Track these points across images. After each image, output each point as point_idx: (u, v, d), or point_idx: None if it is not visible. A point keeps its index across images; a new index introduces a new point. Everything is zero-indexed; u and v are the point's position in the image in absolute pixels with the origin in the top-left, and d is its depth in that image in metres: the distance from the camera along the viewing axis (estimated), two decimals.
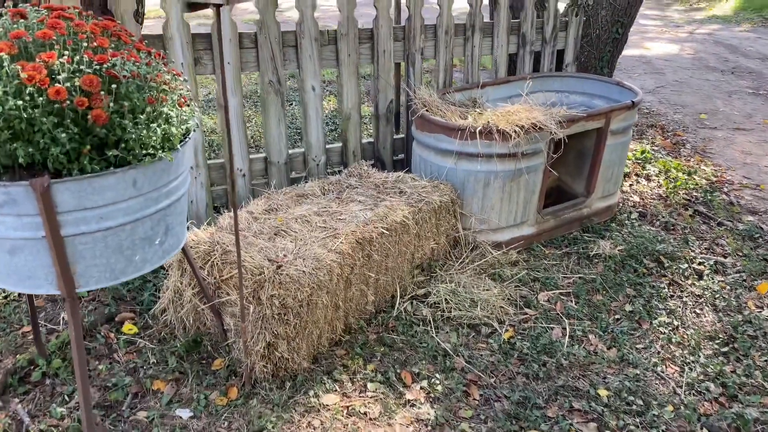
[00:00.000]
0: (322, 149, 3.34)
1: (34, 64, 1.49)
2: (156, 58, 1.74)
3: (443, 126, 3.05)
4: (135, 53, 1.69)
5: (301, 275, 2.24)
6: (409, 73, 3.49)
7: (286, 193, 2.88)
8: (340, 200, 2.83)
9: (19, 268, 1.63)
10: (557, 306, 2.84)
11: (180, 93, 1.74)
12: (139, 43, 1.76)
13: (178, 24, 2.73)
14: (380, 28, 3.29)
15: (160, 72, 1.69)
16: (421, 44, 3.45)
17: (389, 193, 2.92)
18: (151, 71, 1.64)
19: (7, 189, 1.50)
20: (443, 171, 3.13)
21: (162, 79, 1.68)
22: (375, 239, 2.56)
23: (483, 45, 3.72)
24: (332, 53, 3.21)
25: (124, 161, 1.61)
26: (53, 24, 1.57)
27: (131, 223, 1.68)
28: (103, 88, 1.57)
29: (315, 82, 3.18)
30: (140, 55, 1.71)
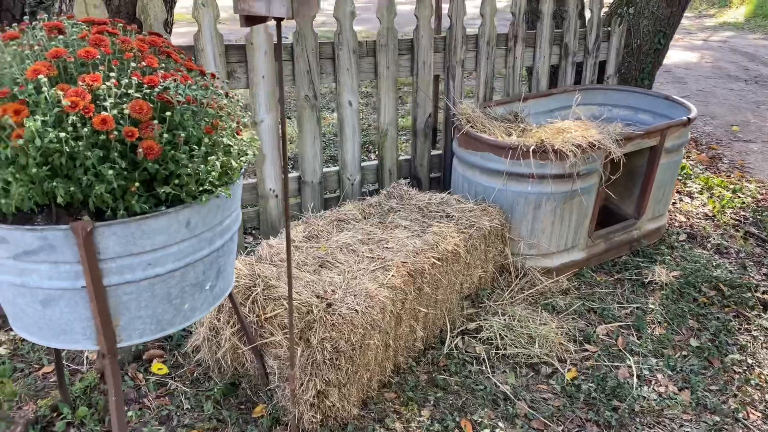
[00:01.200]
0: (358, 168, 3.12)
1: (77, 89, 1.27)
2: (211, 79, 1.53)
3: (492, 144, 2.84)
4: (186, 74, 1.48)
5: (353, 315, 2.02)
6: (449, 86, 3.28)
7: (325, 217, 2.66)
8: (383, 225, 2.62)
9: (53, 321, 1.41)
10: (619, 341, 2.63)
11: (239, 118, 1.52)
12: (189, 62, 1.54)
13: (211, 34, 2.52)
14: (421, 39, 3.08)
15: (216, 96, 1.47)
16: (462, 55, 3.24)
17: (435, 217, 2.71)
18: (207, 95, 1.42)
19: (43, 233, 1.29)
20: (490, 192, 2.92)
21: (218, 103, 1.46)
22: (427, 270, 2.35)
23: (525, 56, 3.51)
24: (370, 65, 3.00)
25: (176, 199, 1.40)
26: (96, 41, 1.36)
27: (182, 269, 1.46)
28: (154, 115, 1.35)
29: (352, 97, 2.97)
30: (192, 76, 1.49)
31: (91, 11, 2.29)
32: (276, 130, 2.82)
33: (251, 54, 2.63)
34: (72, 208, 1.37)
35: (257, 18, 1.51)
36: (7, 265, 1.35)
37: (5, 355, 2.29)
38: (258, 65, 2.65)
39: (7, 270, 1.36)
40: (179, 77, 1.40)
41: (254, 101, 2.72)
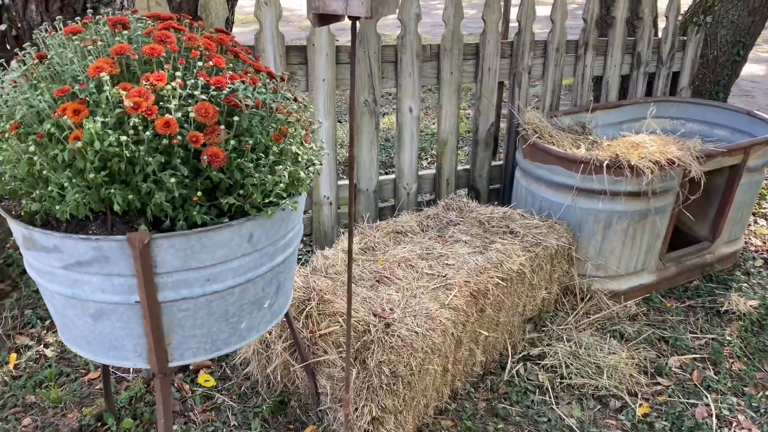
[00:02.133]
0: (415, 176, 2.99)
1: (139, 89, 1.17)
2: (281, 82, 1.41)
3: (561, 157, 2.67)
4: (255, 75, 1.37)
5: (413, 337, 1.88)
6: (514, 94, 3.12)
7: (381, 228, 2.53)
8: (442, 240, 2.48)
9: (104, 335, 1.32)
10: (694, 375, 2.42)
11: (307, 125, 1.40)
12: (257, 63, 1.43)
13: (272, 34, 2.42)
14: (487, 44, 2.93)
15: (286, 100, 1.36)
16: (529, 62, 3.08)
17: (498, 232, 2.55)
18: (277, 99, 1.31)
19: (98, 243, 1.19)
20: (557, 208, 2.74)
21: (288, 108, 1.35)
22: (491, 291, 2.19)
23: (594, 64, 3.32)
24: (433, 70, 2.87)
25: (239, 210, 1.29)
26: (162, 37, 1.26)
27: (242, 285, 1.35)
28: (221, 119, 1.25)
29: (413, 103, 2.84)
30: (260, 78, 1.38)
31: (153, 7, 2.22)
32: (333, 136, 2.70)
33: (312, 56, 2.53)
34: (128, 216, 1.28)
35: (331, 17, 1.39)
36: (58, 274, 1.26)
37: (52, 358, 2.23)
38: (318, 68, 2.55)
39: (58, 280, 1.27)
40: (248, 79, 1.29)
41: (313, 105, 2.61)
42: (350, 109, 1.48)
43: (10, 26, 2.50)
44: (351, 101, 1.48)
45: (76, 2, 2.47)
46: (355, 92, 1.55)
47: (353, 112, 1.47)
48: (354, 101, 1.50)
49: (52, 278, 1.28)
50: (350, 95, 1.46)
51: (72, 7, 2.47)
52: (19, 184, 1.23)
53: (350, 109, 1.48)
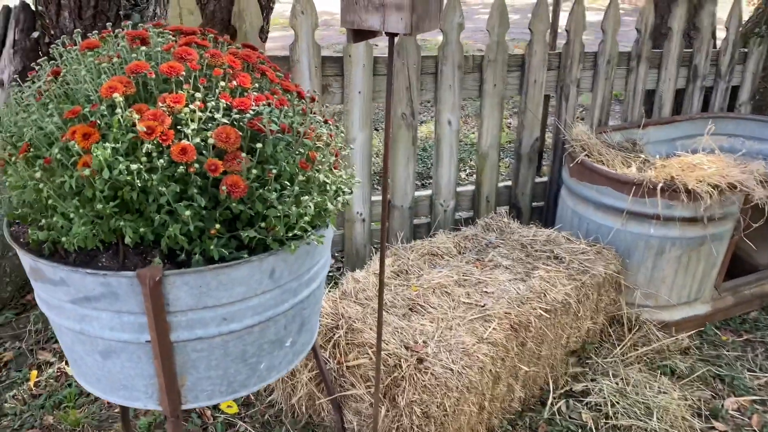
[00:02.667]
0: (453, 193, 2.85)
1: (155, 111, 1.07)
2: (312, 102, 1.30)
3: (611, 178, 2.49)
4: (282, 95, 1.25)
5: (448, 376, 1.75)
6: (561, 108, 2.95)
7: (416, 249, 2.40)
8: (481, 264, 2.33)
9: (113, 374, 1.22)
10: (753, 420, 2.22)
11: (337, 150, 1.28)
12: (286, 81, 1.32)
13: (308, 45, 2.32)
14: (533, 55, 2.77)
15: (315, 123, 1.24)
16: (577, 74, 2.91)
17: (541, 257, 2.39)
18: (306, 123, 1.20)
19: (106, 279, 1.09)
20: (605, 231, 2.57)
21: (317, 132, 1.23)
22: (533, 323, 2.04)
23: (648, 77, 3.12)
24: (475, 82, 2.72)
25: (260, 243, 1.18)
26: (182, 54, 1.16)
27: (261, 324, 1.24)
28: (243, 145, 1.14)
29: (452, 116, 2.70)
30: (289, 98, 1.27)
31: (185, 16, 2.14)
32: (368, 150, 2.59)
33: (348, 67, 2.41)
34: (142, 246, 1.18)
35: (367, 33, 1.27)
36: (66, 308, 1.17)
37: (72, 377, 2.17)
38: (355, 80, 2.44)
39: (65, 314, 1.18)
40: (275, 101, 1.18)
41: (348, 118, 2.50)
42: (386, 133, 1.35)
43: (43, 33, 2.46)
44: (387, 124, 1.36)
45: (109, 10, 2.42)
46: (391, 111, 1.42)
47: (389, 134, 1.35)
48: (390, 123, 1.37)
49: (59, 312, 1.19)
50: (386, 118, 1.34)
51: (105, 15, 2.42)
52: (26, 210, 1.14)
53: (386, 132, 1.35)
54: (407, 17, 1.19)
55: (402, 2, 1.18)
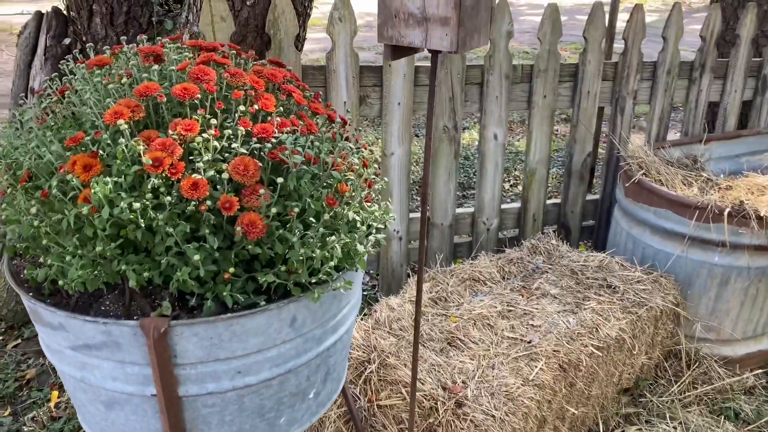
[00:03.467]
0: (497, 211, 2.67)
1: (165, 140, 0.94)
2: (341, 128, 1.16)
3: (672, 200, 2.28)
4: (310, 119, 1.11)
5: (489, 423, 1.58)
6: (616, 121, 2.74)
7: (456, 273, 2.24)
8: (527, 292, 2.15)
9: (117, 425, 1.11)
10: None
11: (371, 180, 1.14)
12: (316, 102, 1.18)
13: (346, 53, 2.18)
14: (587, 64, 2.57)
15: (346, 150, 1.10)
16: (634, 86, 2.70)
17: (593, 286, 2.20)
18: (335, 151, 1.05)
19: (107, 327, 0.97)
20: (663, 258, 2.36)
21: (348, 162, 1.09)
22: (583, 362, 1.86)
23: (711, 88, 2.89)
24: (524, 93, 2.55)
25: (280, 286, 1.04)
26: (198, 74, 1.03)
27: (281, 377, 1.10)
28: (263, 177, 1.00)
29: (499, 129, 2.53)
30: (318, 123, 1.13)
31: (217, 23, 2.03)
32: (407, 165, 2.44)
33: (388, 77, 2.27)
34: (149, 289, 1.06)
35: (407, 50, 1.12)
36: (67, 354, 1.06)
37: None
38: (395, 90, 2.29)
39: (66, 360, 1.07)
40: (300, 127, 1.04)
41: (386, 131, 2.36)
42: (426, 156, 1.20)
43: (75, 40, 2.40)
44: (427, 144, 1.21)
45: (141, 16, 2.33)
46: (432, 131, 1.28)
47: (429, 158, 1.20)
48: (431, 143, 1.22)
49: (60, 357, 1.08)
50: (426, 137, 1.19)
51: (137, 21, 2.33)
52: (24, 245, 1.03)
53: (426, 156, 1.20)
54: (453, 34, 1.04)
55: (448, 16, 1.03)
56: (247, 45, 2.17)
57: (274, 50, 2.11)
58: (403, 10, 1.06)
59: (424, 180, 1.21)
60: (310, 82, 2.21)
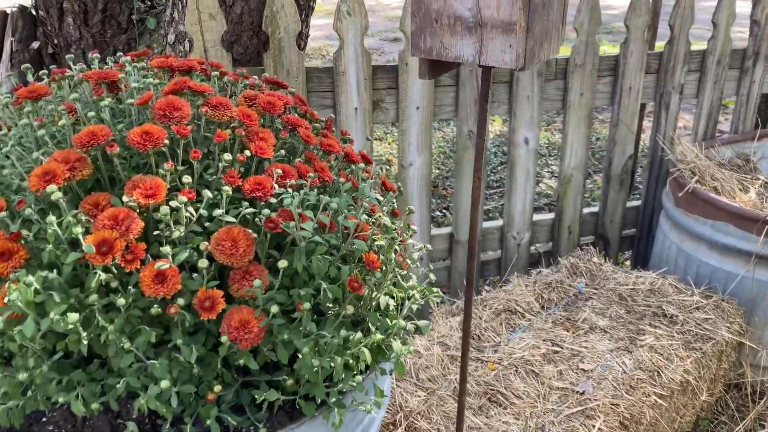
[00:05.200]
0: (528, 224, 2.38)
1: (115, 211, 0.66)
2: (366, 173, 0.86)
3: (734, 213, 1.99)
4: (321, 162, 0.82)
5: None
6: (660, 119, 2.44)
7: (488, 304, 1.95)
8: (572, 325, 1.87)
9: None
10: None
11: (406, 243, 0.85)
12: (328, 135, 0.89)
13: (356, 52, 1.88)
14: (629, 56, 2.26)
15: (376, 204, 0.81)
16: (681, 79, 2.39)
17: (646, 314, 1.91)
18: (358, 208, 0.76)
19: None
20: (722, 277, 2.07)
21: (375, 222, 0.80)
22: (646, 415, 1.58)
23: (765, 79, 2.57)
24: (558, 91, 2.24)
25: (286, 405, 0.76)
26: (166, 110, 0.74)
27: None
28: (259, 255, 0.72)
29: (530, 133, 2.23)
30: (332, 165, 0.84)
31: (205, 22, 1.73)
32: (427, 176, 2.14)
33: (404, 79, 1.97)
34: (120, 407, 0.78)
35: (451, 64, 0.83)
36: None
37: None
38: (412, 93, 1.99)
39: None
40: (310, 179, 0.75)
41: (403, 138, 2.06)
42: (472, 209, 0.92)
43: (45, 43, 2.10)
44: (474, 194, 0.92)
45: (120, 14, 2.03)
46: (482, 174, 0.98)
47: (476, 212, 0.91)
48: (479, 190, 0.93)
49: None
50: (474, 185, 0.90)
51: (116, 20, 2.04)
52: None
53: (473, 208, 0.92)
54: (520, 44, 0.74)
55: (513, 21, 0.73)
56: (242, 45, 1.87)
57: (273, 50, 1.81)
58: (448, 13, 0.77)
59: (472, 232, 0.92)
60: (315, 86, 1.92)
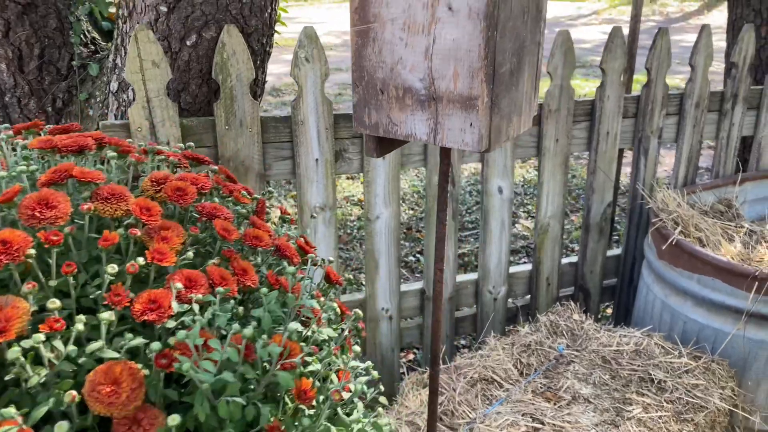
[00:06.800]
0: (504, 277, 2.24)
1: None
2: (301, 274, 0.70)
3: (721, 267, 1.87)
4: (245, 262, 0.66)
5: None
6: (639, 165, 2.33)
7: (462, 371, 1.79)
8: (554, 395, 1.71)
9: None
10: None
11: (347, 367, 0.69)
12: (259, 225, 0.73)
13: (316, 101, 1.75)
14: (605, 101, 2.16)
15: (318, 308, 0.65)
16: (659, 122, 2.29)
17: (632, 380, 1.77)
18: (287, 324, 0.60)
19: None
20: (710, 335, 1.94)
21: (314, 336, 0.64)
22: None
23: (744, 122, 2.49)
24: (532, 137, 2.12)
25: None
26: (36, 207, 0.57)
27: None
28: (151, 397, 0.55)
29: (503, 181, 2.10)
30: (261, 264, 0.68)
31: (148, 70, 1.58)
32: (396, 230, 2.00)
33: None
34: None
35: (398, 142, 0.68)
36: None
37: None
38: None
39: None
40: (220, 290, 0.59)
41: (369, 190, 1.92)
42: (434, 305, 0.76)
43: None
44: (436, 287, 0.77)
45: (59, 59, 1.88)
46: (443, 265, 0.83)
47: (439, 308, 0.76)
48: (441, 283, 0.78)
49: None
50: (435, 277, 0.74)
51: (54, 66, 1.88)
52: None
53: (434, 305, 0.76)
54: (482, 122, 0.60)
55: (473, 93, 0.59)
56: (190, 94, 1.72)
57: (224, 99, 1.66)
58: (395, 83, 0.62)
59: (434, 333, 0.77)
60: (272, 136, 1.77)
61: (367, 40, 0.65)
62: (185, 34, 1.64)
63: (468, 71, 0.59)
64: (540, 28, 0.68)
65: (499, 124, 0.64)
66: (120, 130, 1.61)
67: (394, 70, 0.63)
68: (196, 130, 1.68)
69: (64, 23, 1.85)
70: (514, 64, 0.62)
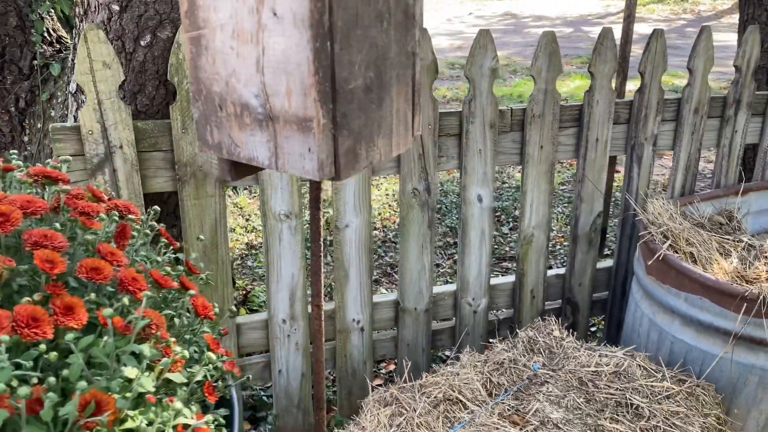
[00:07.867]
0: (485, 288, 2.14)
1: None
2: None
3: (710, 286, 1.75)
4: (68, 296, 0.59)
5: None
6: (632, 174, 2.21)
7: (426, 392, 1.70)
8: (521, 419, 1.62)
9: None
10: None
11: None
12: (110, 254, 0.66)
13: None
14: (594, 105, 2.05)
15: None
16: (654, 129, 2.17)
17: (608, 405, 1.66)
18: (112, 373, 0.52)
19: None
20: (698, 356, 1.82)
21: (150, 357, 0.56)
22: None
23: (748, 128, 2.35)
24: (515, 144, 2.02)
25: None
26: None
27: None
28: None
29: (483, 190, 2.01)
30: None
31: (99, 72, 1.52)
32: (367, 238, 1.92)
33: None
34: None
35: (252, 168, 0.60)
36: None
37: None
38: None
39: None
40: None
41: (338, 198, 1.84)
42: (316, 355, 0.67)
43: None
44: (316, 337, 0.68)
45: (21, 59, 1.83)
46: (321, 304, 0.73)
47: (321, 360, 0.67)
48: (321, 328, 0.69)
49: None
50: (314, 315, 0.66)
51: (16, 65, 1.83)
52: None
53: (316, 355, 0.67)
54: (321, 147, 0.52)
55: (307, 114, 0.51)
56: (147, 96, 1.66)
57: (180, 102, 1.60)
58: (232, 98, 0.54)
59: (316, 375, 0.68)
60: None
61: (200, 49, 0.57)
62: (139, 34, 1.58)
63: (300, 88, 0.51)
64: (413, 35, 0.59)
65: (353, 148, 0.55)
66: (71, 133, 1.56)
67: (229, 84, 0.55)
68: (152, 134, 1.62)
69: (26, 21, 1.80)
70: (370, 79, 0.54)
